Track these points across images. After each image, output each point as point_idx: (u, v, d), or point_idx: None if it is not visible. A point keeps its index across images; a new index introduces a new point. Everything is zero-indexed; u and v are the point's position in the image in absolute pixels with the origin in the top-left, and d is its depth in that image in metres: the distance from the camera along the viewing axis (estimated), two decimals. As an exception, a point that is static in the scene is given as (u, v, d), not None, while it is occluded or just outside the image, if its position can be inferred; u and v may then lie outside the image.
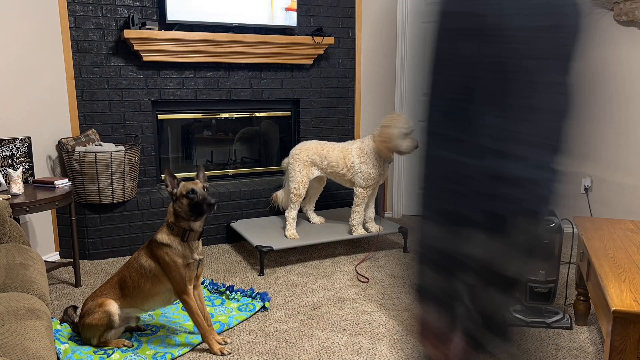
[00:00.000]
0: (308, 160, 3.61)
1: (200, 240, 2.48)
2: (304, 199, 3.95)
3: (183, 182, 2.43)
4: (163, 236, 2.39)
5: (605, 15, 3.95)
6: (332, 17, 4.55)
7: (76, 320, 2.54)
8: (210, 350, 2.42)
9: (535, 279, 2.53)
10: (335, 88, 4.68)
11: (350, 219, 3.67)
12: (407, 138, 3.46)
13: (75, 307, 2.64)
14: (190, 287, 2.41)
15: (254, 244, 3.41)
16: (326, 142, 3.70)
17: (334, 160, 3.59)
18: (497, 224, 0.80)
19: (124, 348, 2.38)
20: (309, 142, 3.70)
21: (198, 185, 2.40)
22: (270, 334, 2.56)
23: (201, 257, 2.45)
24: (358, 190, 3.59)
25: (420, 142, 0.88)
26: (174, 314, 2.79)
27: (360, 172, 3.55)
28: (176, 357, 2.35)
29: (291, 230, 3.60)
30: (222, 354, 2.40)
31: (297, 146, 3.71)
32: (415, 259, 0.89)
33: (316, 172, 3.66)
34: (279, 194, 3.87)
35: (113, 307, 2.41)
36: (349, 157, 3.57)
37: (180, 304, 2.89)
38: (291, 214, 3.63)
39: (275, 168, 4.68)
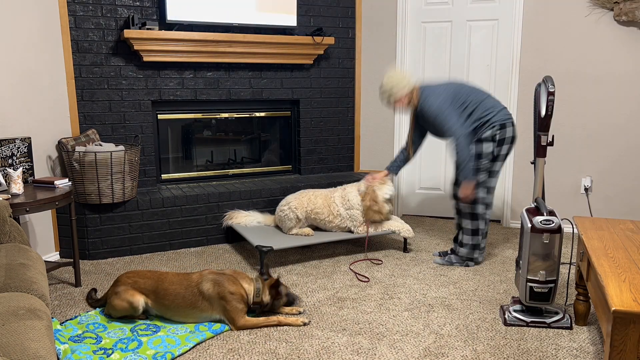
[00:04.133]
0: (295, 218, 3.65)
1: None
2: None
3: (265, 284, 2.72)
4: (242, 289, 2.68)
5: (605, 15, 3.95)
6: (332, 17, 4.55)
7: (99, 296, 2.93)
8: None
9: (535, 279, 2.53)
10: (335, 88, 4.68)
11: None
12: (388, 203, 3.64)
13: (95, 290, 2.96)
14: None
15: (254, 244, 3.41)
16: (309, 191, 3.74)
17: (319, 208, 3.65)
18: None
19: (124, 347, 2.38)
20: (294, 199, 3.70)
21: (251, 286, 2.69)
22: (270, 334, 2.56)
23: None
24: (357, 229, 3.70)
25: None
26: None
27: (350, 217, 3.65)
28: (176, 357, 2.36)
29: (304, 228, 3.67)
30: (304, 324, 2.65)
31: (283, 202, 3.74)
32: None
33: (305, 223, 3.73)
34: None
35: (140, 302, 2.64)
36: (333, 205, 3.65)
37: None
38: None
39: (275, 168, 4.68)
